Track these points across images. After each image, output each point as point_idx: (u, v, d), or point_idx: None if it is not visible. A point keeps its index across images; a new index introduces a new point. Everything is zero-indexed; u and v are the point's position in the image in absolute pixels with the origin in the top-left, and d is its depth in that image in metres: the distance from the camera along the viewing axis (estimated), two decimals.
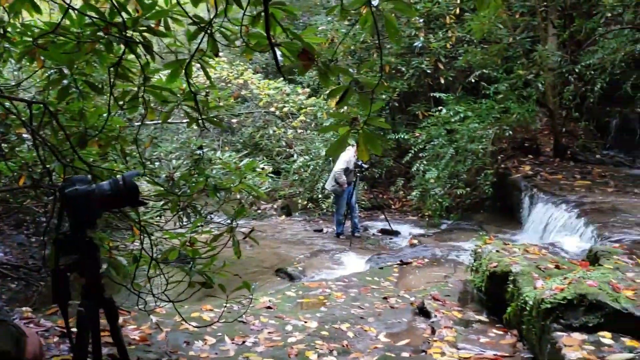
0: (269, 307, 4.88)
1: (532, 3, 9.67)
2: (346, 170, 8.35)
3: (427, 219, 9.68)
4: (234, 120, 10.36)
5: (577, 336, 3.01)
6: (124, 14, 2.42)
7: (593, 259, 4.27)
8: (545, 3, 9.69)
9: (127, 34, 2.46)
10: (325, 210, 9.60)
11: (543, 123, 11.27)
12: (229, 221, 3.20)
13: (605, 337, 2.98)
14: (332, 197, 9.24)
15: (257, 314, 4.64)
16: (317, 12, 13.91)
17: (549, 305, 3.24)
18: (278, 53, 2.40)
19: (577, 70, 9.71)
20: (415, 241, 8.17)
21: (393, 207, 10.92)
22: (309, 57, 2.35)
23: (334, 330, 4.32)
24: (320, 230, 9.09)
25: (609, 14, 9.82)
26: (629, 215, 5.68)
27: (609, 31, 10.09)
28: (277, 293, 5.49)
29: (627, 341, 2.94)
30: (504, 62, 10.26)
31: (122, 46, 2.51)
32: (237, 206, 3.77)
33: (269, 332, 4.18)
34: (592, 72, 9.79)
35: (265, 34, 2.20)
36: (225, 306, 3.73)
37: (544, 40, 9.96)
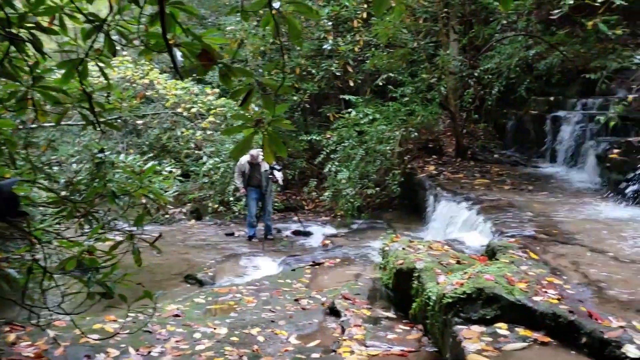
0: (176, 315, 4.74)
1: (434, 9, 10.06)
2: (243, 175, 8.40)
3: (339, 219, 9.81)
4: (140, 122, 9.98)
5: (476, 329, 3.16)
6: (10, 10, 2.26)
7: (491, 253, 4.50)
8: (446, 10, 10.12)
9: (13, 31, 2.30)
10: (237, 214, 9.47)
11: (446, 125, 11.79)
12: (132, 228, 3.06)
13: (502, 328, 3.15)
14: (243, 200, 9.16)
15: (164, 322, 4.49)
16: (233, 12, 13.69)
17: (450, 300, 3.37)
18: (178, 54, 2.33)
19: (476, 74, 10.23)
20: (327, 241, 8.25)
21: (306, 208, 10.97)
22: (210, 57, 2.30)
23: (244, 336, 4.27)
24: (232, 234, 8.95)
25: (505, 21, 10.43)
26: (523, 212, 6.04)
27: (505, 37, 10.70)
28: (186, 300, 5.35)
29: (521, 331, 3.12)
30: (409, 66, 10.63)
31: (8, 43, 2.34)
32: (143, 212, 3.62)
33: (177, 341, 4.06)
34: (490, 76, 10.35)
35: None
36: (129, 317, 3.58)
37: (446, 45, 10.40)
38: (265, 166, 8.34)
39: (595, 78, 8.54)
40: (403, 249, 4.88)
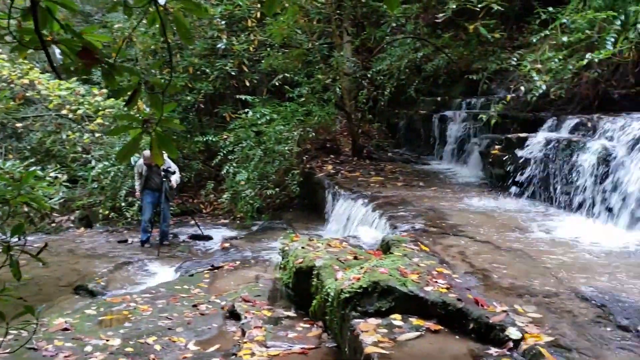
0: (65, 329, 4.45)
1: (327, 11, 10.24)
2: (141, 176, 8.10)
3: (238, 221, 9.70)
4: (19, 125, 9.26)
5: (373, 321, 3.24)
6: None
7: (385, 247, 4.64)
8: (339, 12, 10.33)
9: None
10: (130, 219, 9.06)
11: (342, 125, 12.05)
12: (14, 239, 2.82)
13: (397, 319, 3.25)
14: (137, 204, 8.79)
15: (51, 337, 4.20)
16: (115, 9, 13.10)
17: (347, 295, 3.43)
18: (57, 51, 2.19)
19: (369, 75, 10.54)
20: (227, 244, 8.13)
21: (204, 211, 10.75)
22: (92, 56, 2.17)
23: (140, 345, 4.09)
24: (125, 241, 8.56)
25: (394, 24, 10.83)
26: (415, 206, 6.31)
27: (395, 40, 11.12)
28: (76, 312, 5.04)
29: (415, 321, 3.24)
30: (305, 67, 10.74)
31: None
32: (24, 221, 3.36)
33: (65, 356, 3.81)
34: (382, 77, 10.69)
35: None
36: (10, 334, 3.30)
37: (340, 47, 10.62)
38: (164, 167, 8.06)
39: (478, 79, 9.10)
40: (302, 247, 4.90)
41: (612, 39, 5.80)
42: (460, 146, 9.09)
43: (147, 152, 7.80)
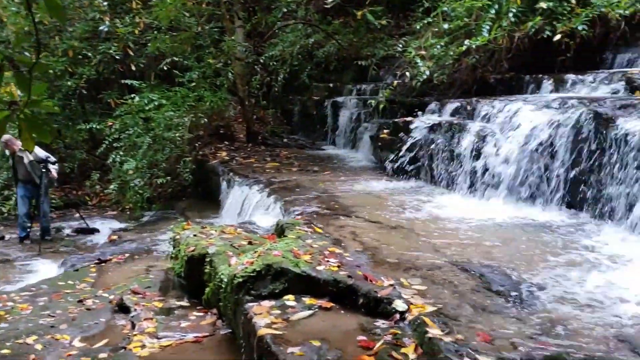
0: None
1: None
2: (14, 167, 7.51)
3: (128, 212, 9.30)
4: None
5: (266, 304, 3.24)
6: None
7: (280, 231, 4.65)
8: None
9: None
10: (6, 214, 8.38)
11: (237, 111, 11.90)
12: None
13: (290, 300, 3.27)
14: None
15: None
16: None
17: (240, 279, 3.40)
18: None
19: (261, 60, 10.47)
20: (115, 237, 7.77)
21: (90, 203, 10.20)
22: None
23: (18, 346, 3.81)
24: (2, 238, 7.91)
25: (286, 10, 10.83)
26: (309, 190, 6.39)
27: (286, 25, 11.13)
28: None
29: (307, 300, 3.28)
30: (195, 51, 10.45)
31: None
32: None
33: None
34: (275, 63, 10.68)
35: None
36: None
37: (231, 31, 10.45)
38: (30, 156, 7.46)
39: (366, 65, 9.35)
40: (194, 235, 4.79)
41: (488, 27, 6.19)
42: (352, 131, 9.31)
43: (5, 137, 7.17)
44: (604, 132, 4.57)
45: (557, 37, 6.15)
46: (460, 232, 4.61)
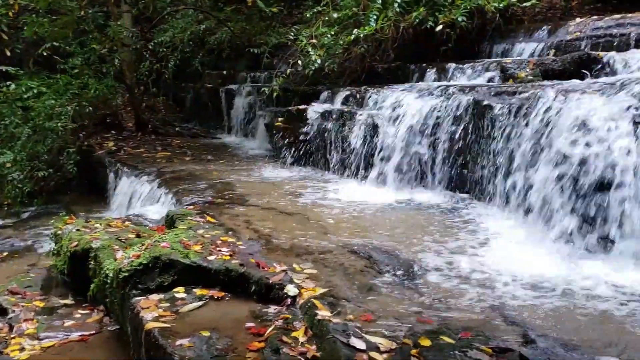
0: None
1: None
2: None
3: (6, 208, 8.59)
4: None
5: (154, 297, 3.14)
6: None
7: (170, 222, 4.53)
8: None
9: None
10: None
11: (125, 99, 11.36)
12: None
13: (180, 292, 3.20)
14: None
15: None
16: None
17: (126, 274, 3.27)
18: None
19: (150, 47, 10.07)
20: None
21: None
22: None
23: None
24: None
25: None
26: (203, 180, 6.27)
27: (177, 11, 10.78)
28: None
29: (198, 291, 3.22)
30: (78, 36, 9.83)
31: None
32: None
33: None
34: (165, 50, 10.32)
35: None
36: None
37: (117, 16, 9.94)
38: None
39: (260, 53, 9.29)
40: (77, 230, 4.54)
41: (375, 17, 6.38)
42: (247, 119, 9.23)
43: None
44: (481, 118, 4.88)
45: (439, 27, 6.47)
46: (352, 216, 4.74)
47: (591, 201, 3.60)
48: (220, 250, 3.55)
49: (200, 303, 3.08)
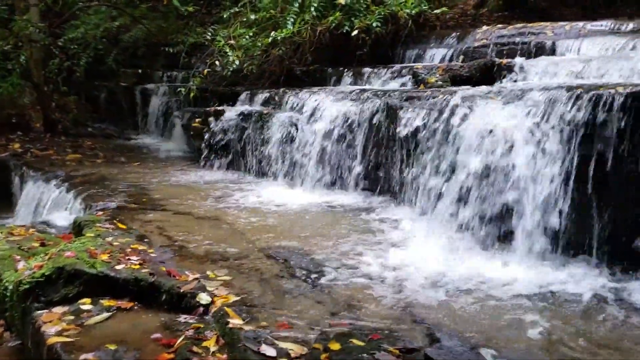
0: None
1: None
2: None
3: None
4: None
5: (58, 310, 3.00)
6: None
7: (78, 230, 4.33)
8: None
9: None
10: None
11: (33, 97, 10.74)
12: None
13: (86, 303, 3.07)
14: None
15: None
16: None
17: (27, 286, 3.10)
18: None
19: (60, 43, 9.59)
20: None
21: None
22: None
23: None
24: None
25: None
26: (115, 184, 6.04)
27: (89, 6, 10.33)
28: None
29: (106, 302, 3.10)
30: None
31: None
32: None
33: None
34: (76, 47, 9.86)
35: None
36: None
37: (23, 10, 9.38)
38: None
39: (176, 52, 9.08)
40: None
41: (292, 20, 6.41)
42: (163, 120, 9.00)
43: None
44: (393, 122, 5.03)
45: (355, 32, 6.60)
46: (270, 219, 4.74)
47: (493, 202, 3.79)
48: (129, 259, 3.44)
49: (108, 315, 2.97)
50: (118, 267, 3.30)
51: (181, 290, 3.10)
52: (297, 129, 5.82)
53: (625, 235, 3.41)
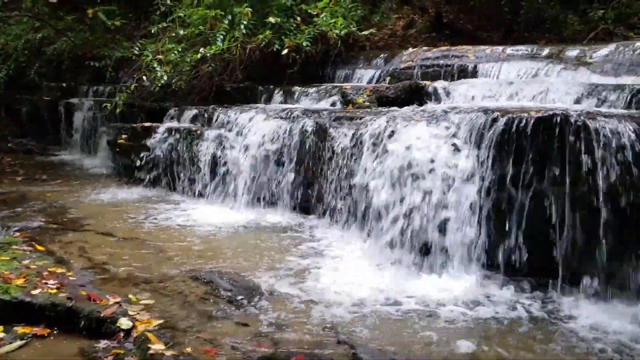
0: None
1: None
2: None
3: None
4: None
5: None
6: None
7: None
8: None
9: None
10: None
11: None
12: None
13: None
14: None
15: None
16: None
17: None
18: None
19: None
20: None
21: None
22: None
23: None
24: None
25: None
26: (35, 202, 5.77)
27: (9, 17, 9.91)
28: None
29: (20, 329, 2.97)
30: None
31: None
32: None
33: None
34: None
35: None
36: None
37: None
38: None
39: (102, 66, 8.83)
40: None
41: (222, 37, 6.39)
42: (88, 136, 8.70)
43: None
44: (322, 141, 5.10)
45: (285, 51, 6.67)
46: (197, 239, 4.67)
47: (419, 218, 3.90)
48: (46, 283, 3.30)
49: (21, 343, 2.84)
50: (34, 292, 3.16)
51: (101, 315, 3.00)
52: (227, 146, 5.78)
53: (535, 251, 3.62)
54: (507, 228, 3.65)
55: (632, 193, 3.19)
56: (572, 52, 5.56)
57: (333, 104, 5.97)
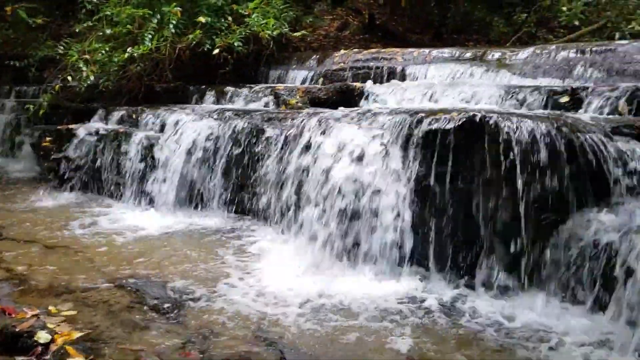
0: None
1: None
2: None
3: None
4: None
5: None
6: None
7: None
8: None
9: None
10: None
11: None
12: None
13: None
14: None
15: None
16: None
17: None
18: None
19: None
20: None
21: None
22: None
23: None
24: None
25: None
26: None
27: None
28: None
29: None
30: None
31: None
32: None
33: None
34: None
35: None
36: None
37: None
38: None
39: (24, 65, 8.41)
40: None
41: (150, 36, 6.23)
42: (11, 138, 8.27)
43: None
44: (256, 142, 5.07)
45: (216, 51, 6.57)
46: (126, 246, 4.53)
47: (348, 218, 3.94)
48: None
49: None
50: None
51: (17, 330, 2.86)
52: (156, 148, 5.64)
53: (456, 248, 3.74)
54: (432, 226, 3.75)
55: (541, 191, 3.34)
56: (494, 54, 5.79)
57: (266, 105, 5.94)
